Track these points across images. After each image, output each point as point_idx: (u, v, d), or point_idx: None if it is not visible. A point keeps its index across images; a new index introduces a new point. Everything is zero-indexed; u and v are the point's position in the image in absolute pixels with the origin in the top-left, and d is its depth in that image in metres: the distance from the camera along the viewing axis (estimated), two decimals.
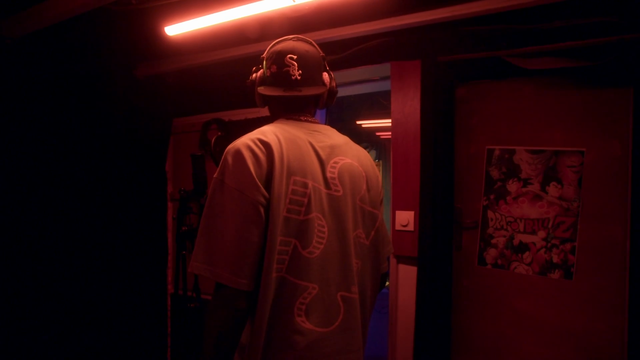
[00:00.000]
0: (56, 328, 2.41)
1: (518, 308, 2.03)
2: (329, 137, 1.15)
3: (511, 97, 2.08)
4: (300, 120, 1.16)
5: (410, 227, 2.17)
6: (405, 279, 2.21)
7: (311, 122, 1.17)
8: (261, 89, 1.15)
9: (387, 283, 1.39)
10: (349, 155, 1.15)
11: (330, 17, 2.18)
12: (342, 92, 2.89)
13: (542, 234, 1.99)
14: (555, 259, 1.96)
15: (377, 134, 5.89)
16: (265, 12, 1.95)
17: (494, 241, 2.10)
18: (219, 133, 2.79)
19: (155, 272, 2.99)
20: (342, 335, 1.08)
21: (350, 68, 2.37)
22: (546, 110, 2.00)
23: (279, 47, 1.15)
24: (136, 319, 2.82)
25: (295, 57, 1.12)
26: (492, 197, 2.11)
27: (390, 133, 2.28)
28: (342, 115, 5.41)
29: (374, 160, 6.20)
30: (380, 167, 6.25)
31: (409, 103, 2.19)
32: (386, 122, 4.95)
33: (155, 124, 3.00)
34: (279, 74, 1.13)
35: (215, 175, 1.02)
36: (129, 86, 2.81)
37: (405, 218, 2.19)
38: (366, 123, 5.34)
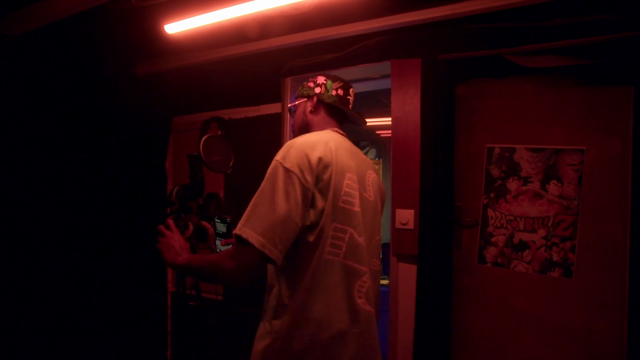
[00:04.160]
0: (56, 327, 2.41)
1: (518, 306, 2.03)
2: (359, 154, 1.37)
3: (511, 95, 2.08)
4: (341, 133, 1.39)
5: (410, 226, 2.17)
6: (405, 278, 2.21)
7: (346, 136, 1.40)
8: (329, 101, 1.39)
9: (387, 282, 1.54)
10: (372, 170, 1.37)
11: (330, 15, 2.18)
12: None
13: (542, 232, 1.99)
14: (555, 258, 1.96)
15: (377, 132, 5.88)
16: (265, 10, 1.95)
17: (494, 239, 2.10)
18: (219, 132, 2.79)
19: (155, 270, 2.99)
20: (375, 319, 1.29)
21: (350, 66, 2.37)
22: (546, 108, 2.00)
23: (342, 80, 1.44)
24: (136, 318, 2.82)
25: (354, 92, 1.46)
26: (492, 195, 2.11)
27: (390, 131, 2.27)
28: None
29: (374, 159, 6.20)
30: (380, 166, 6.24)
31: (409, 101, 2.18)
32: (386, 121, 4.94)
33: (155, 123, 3.00)
34: (348, 100, 1.43)
35: (277, 158, 1.14)
36: (129, 84, 2.81)
37: (405, 216, 2.19)
38: (366, 121, 5.32)
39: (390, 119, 2.26)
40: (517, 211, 2.05)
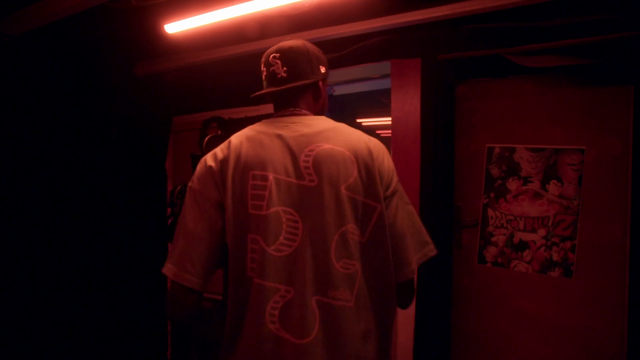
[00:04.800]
0: (56, 327, 2.41)
1: (518, 306, 2.03)
2: (309, 125, 1.07)
3: (511, 95, 2.08)
4: (280, 115, 1.12)
5: None
6: None
7: (296, 115, 1.11)
8: (257, 93, 1.15)
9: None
10: (332, 141, 1.03)
11: (330, 15, 2.17)
12: (342, 90, 2.90)
13: (542, 232, 1.99)
14: (555, 257, 1.96)
15: (377, 132, 5.89)
16: (265, 10, 1.94)
17: (494, 239, 2.10)
18: (219, 132, 2.79)
19: (155, 269, 2.98)
20: (326, 349, 0.95)
21: (350, 66, 2.36)
22: (546, 108, 2.00)
23: (267, 51, 1.15)
24: (136, 317, 2.82)
25: (278, 55, 1.11)
26: (492, 195, 2.11)
27: (390, 131, 2.27)
28: (342, 113, 5.40)
29: None
30: None
31: (409, 101, 2.18)
32: (386, 120, 4.94)
33: (155, 122, 2.99)
34: (267, 74, 1.13)
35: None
36: (129, 84, 2.80)
37: None
38: (366, 121, 5.33)
39: (390, 118, 2.26)
40: (517, 211, 2.05)
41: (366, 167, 1.03)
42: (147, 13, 2.22)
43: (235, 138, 1.08)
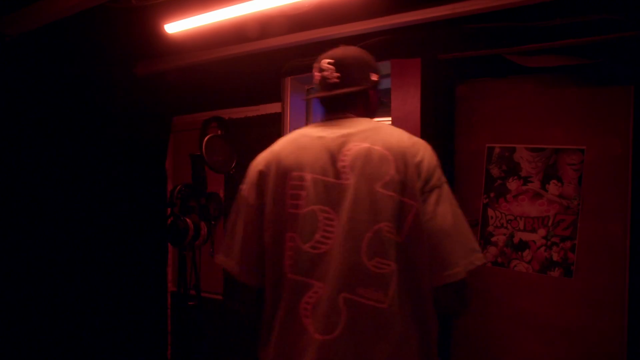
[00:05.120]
0: (55, 326, 2.41)
1: (518, 306, 2.03)
2: (350, 127, 1.10)
3: (511, 95, 2.08)
4: (327, 119, 1.17)
5: None
6: None
7: (340, 118, 1.15)
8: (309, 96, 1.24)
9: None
10: (371, 140, 1.05)
11: (330, 15, 2.17)
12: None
13: (542, 232, 1.99)
14: (555, 257, 1.96)
15: None
16: (265, 10, 1.95)
17: (494, 239, 2.10)
18: (219, 132, 2.79)
19: (155, 269, 2.99)
20: (352, 348, 0.96)
21: None
22: (546, 108, 2.00)
23: (321, 55, 1.20)
24: (136, 317, 2.82)
25: (332, 61, 1.16)
26: (492, 195, 2.11)
27: None
28: None
29: None
30: None
31: (409, 101, 2.18)
32: (386, 120, 4.93)
33: (155, 122, 3.00)
34: (320, 79, 1.18)
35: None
36: (129, 84, 2.80)
37: None
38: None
39: (390, 118, 2.26)
40: (517, 211, 2.05)
41: (404, 165, 1.03)
42: (147, 13, 2.22)
43: (279, 141, 1.16)
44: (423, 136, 2.11)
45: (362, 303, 0.97)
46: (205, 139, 1.92)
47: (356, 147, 1.05)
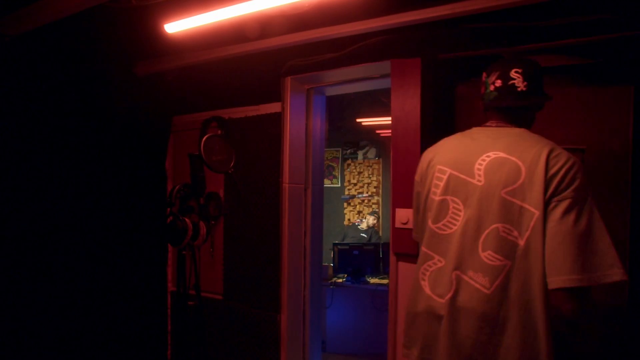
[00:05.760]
0: (55, 327, 2.41)
1: None
2: (496, 136, 1.30)
3: None
4: (487, 125, 1.38)
5: (410, 225, 2.17)
6: (404, 276, 2.21)
7: (494, 127, 1.35)
8: (489, 98, 1.38)
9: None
10: (508, 150, 1.22)
11: (330, 15, 2.17)
12: (342, 90, 2.90)
13: None
14: None
15: (377, 131, 5.88)
16: (265, 10, 1.94)
17: None
18: (219, 131, 2.79)
19: (155, 269, 2.99)
20: (452, 312, 1.20)
21: (350, 66, 2.36)
22: (546, 108, 1.98)
23: (500, 67, 1.36)
24: (136, 317, 2.82)
25: (520, 70, 1.30)
26: None
27: (390, 131, 2.27)
28: (342, 113, 5.41)
29: (375, 158, 6.19)
30: (380, 165, 6.24)
31: (409, 101, 2.18)
32: (386, 120, 4.94)
33: (155, 122, 2.99)
34: (502, 86, 1.32)
35: None
36: (129, 84, 2.80)
37: (405, 216, 2.18)
38: (366, 121, 5.33)
39: (390, 118, 2.25)
40: None
41: (534, 175, 1.15)
42: (147, 12, 2.22)
43: (440, 141, 1.43)
44: (423, 136, 2.13)
45: (470, 283, 1.19)
46: (204, 138, 1.91)
47: (495, 155, 1.23)
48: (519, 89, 1.28)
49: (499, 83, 1.32)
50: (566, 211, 1.11)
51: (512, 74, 1.29)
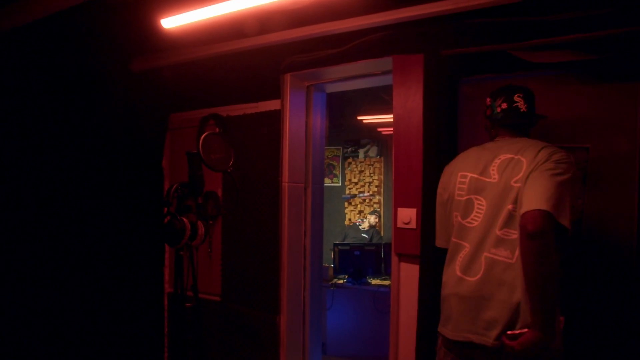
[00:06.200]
0: (52, 328, 2.38)
1: None
2: (504, 145, 1.59)
3: None
4: (500, 137, 1.67)
5: (412, 225, 2.14)
6: (407, 277, 2.18)
7: (502, 139, 1.65)
8: (497, 118, 1.69)
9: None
10: (513, 152, 1.54)
11: (330, 10, 2.14)
12: (343, 87, 2.87)
13: None
14: None
15: (379, 129, 5.85)
16: (264, 5, 1.92)
17: None
18: (217, 129, 2.75)
19: (152, 271, 2.96)
20: (485, 284, 1.48)
21: (351, 62, 2.33)
22: (551, 105, 1.96)
23: (504, 92, 1.68)
24: (133, 319, 2.79)
25: (522, 95, 1.65)
26: None
27: (392, 129, 2.24)
28: (343, 110, 5.37)
29: (376, 156, 6.17)
30: (382, 164, 6.21)
31: (411, 98, 2.15)
32: (388, 118, 4.91)
33: (152, 119, 2.96)
34: (508, 108, 1.65)
35: None
36: (125, 80, 2.77)
37: (407, 215, 2.15)
38: (367, 118, 5.29)
39: (391, 116, 2.22)
40: None
41: (531, 165, 1.47)
42: (144, 7, 2.19)
43: (458, 156, 1.74)
44: (425, 134, 2.09)
45: (495, 259, 1.48)
46: (202, 136, 1.88)
47: (505, 157, 1.55)
48: (522, 110, 1.62)
49: (504, 105, 1.64)
50: (547, 168, 1.42)
51: (515, 98, 1.62)
